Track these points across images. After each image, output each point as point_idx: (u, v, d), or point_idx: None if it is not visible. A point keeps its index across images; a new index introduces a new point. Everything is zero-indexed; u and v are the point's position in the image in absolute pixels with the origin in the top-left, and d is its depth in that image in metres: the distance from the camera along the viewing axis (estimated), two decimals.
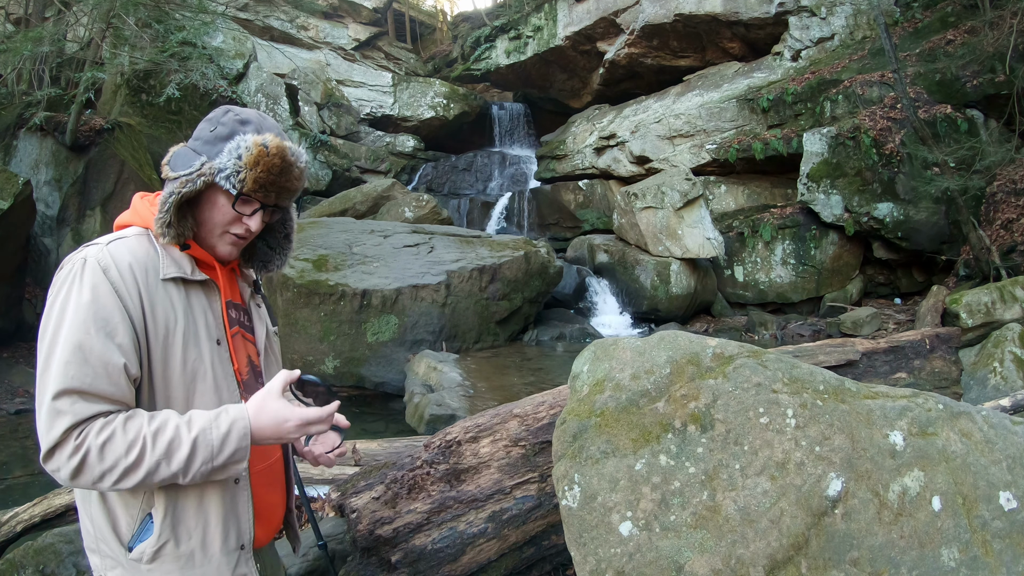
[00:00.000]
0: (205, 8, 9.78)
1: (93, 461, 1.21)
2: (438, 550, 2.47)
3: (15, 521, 3.34)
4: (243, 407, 1.32)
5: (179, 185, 1.33)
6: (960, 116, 9.89)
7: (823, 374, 1.97)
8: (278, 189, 1.39)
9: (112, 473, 1.22)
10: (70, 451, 1.21)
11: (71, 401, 1.21)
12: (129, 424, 1.24)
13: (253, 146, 1.33)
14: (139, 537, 1.33)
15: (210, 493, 1.38)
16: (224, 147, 1.35)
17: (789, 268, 10.97)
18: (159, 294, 1.34)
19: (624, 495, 1.81)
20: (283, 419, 1.32)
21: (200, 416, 1.29)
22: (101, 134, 9.02)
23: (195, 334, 1.37)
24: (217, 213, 1.39)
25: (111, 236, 1.36)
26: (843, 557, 1.69)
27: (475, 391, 6.07)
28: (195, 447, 1.25)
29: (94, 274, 1.27)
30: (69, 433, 1.21)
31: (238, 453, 1.29)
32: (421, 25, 23.38)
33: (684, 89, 14.08)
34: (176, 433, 1.25)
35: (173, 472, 1.25)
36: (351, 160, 16.01)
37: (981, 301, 7.16)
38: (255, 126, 1.38)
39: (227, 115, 1.40)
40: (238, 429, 1.29)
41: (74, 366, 1.22)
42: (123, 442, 1.22)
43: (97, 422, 1.23)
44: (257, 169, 1.33)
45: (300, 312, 7.48)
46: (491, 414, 2.68)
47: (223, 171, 1.34)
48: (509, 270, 8.56)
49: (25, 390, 7.74)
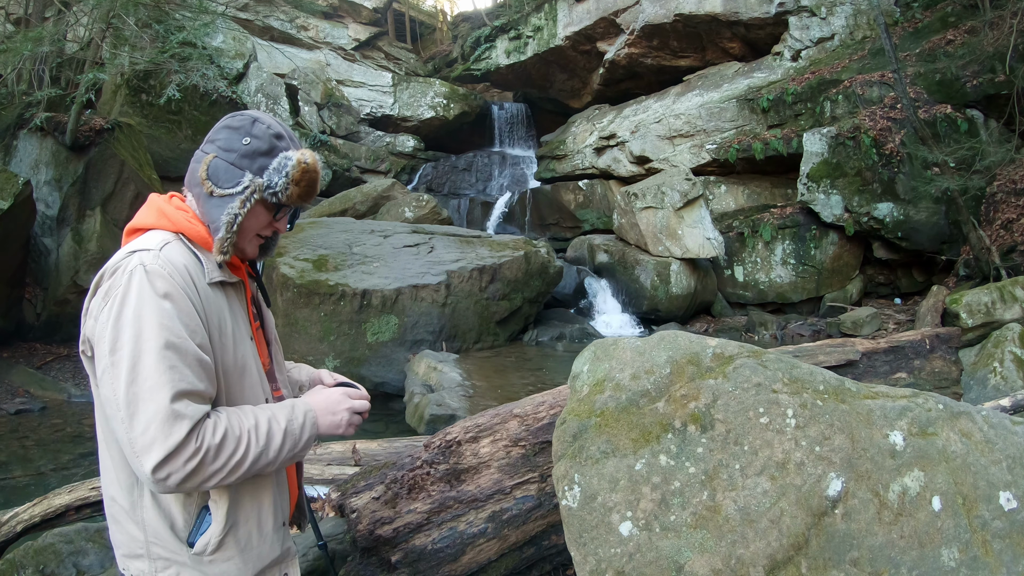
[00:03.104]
0: (205, 8, 9.78)
1: (209, 460, 1.24)
2: (438, 550, 2.47)
3: (15, 521, 3.33)
4: (305, 400, 1.48)
5: (239, 206, 1.39)
6: (960, 116, 9.88)
7: (823, 374, 1.97)
8: (310, 196, 1.49)
9: (223, 470, 1.27)
10: (189, 454, 1.22)
11: (186, 403, 1.23)
12: (232, 421, 1.30)
13: (298, 164, 1.41)
14: (199, 531, 1.36)
15: (264, 476, 1.45)
16: (268, 164, 1.42)
17: (789, 268, 10.97)
18: (210, 296, 1.38)
19: (624, 495, 1.81)
20: (337, 402, 1.50)
21: (279, 409, 1.39)
22: (101, 134, 9.02)
23: (239, 332, 1.44)
24: (256, 222, 1.46)
25: (158, 240, 1.36)
26: (843, 557, 1.69)
27: (475, 391, 6.07)
28: (285, 437, 1.36)
29: (163, 279, 1.28)
30: (190, 436, 1.22)
31: (311, 439, 1.43)
32: (421, 25, 23.38)
33: (684, 89, 14.08)
34: (269, 426, 1.34)
35: (269, 461, 1.34)
36: (351, 160, 16.02)
37: (981, 301, 7.16)
38: (287, 140, 1.46)
39: (256, 126, 1.44)
40: (310, 418, 1.43)
41: (178, 370, 1.24)
42: (234, 438, 1.28)
43: (209, 421, 1.26)
44: (300, 186, 1.42)
45: (300, 312, 7.48)
46: (491, 414, 2.68)
47: (271, 189, 1.41)
48: (509, 270, 8.56)
49: (25, 390, 7.74)
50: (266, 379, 1.52)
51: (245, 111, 1.47)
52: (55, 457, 5.89)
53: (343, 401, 1.52)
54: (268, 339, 1.62)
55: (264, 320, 1.62)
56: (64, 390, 7.91)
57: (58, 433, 6.55)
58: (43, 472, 5.55)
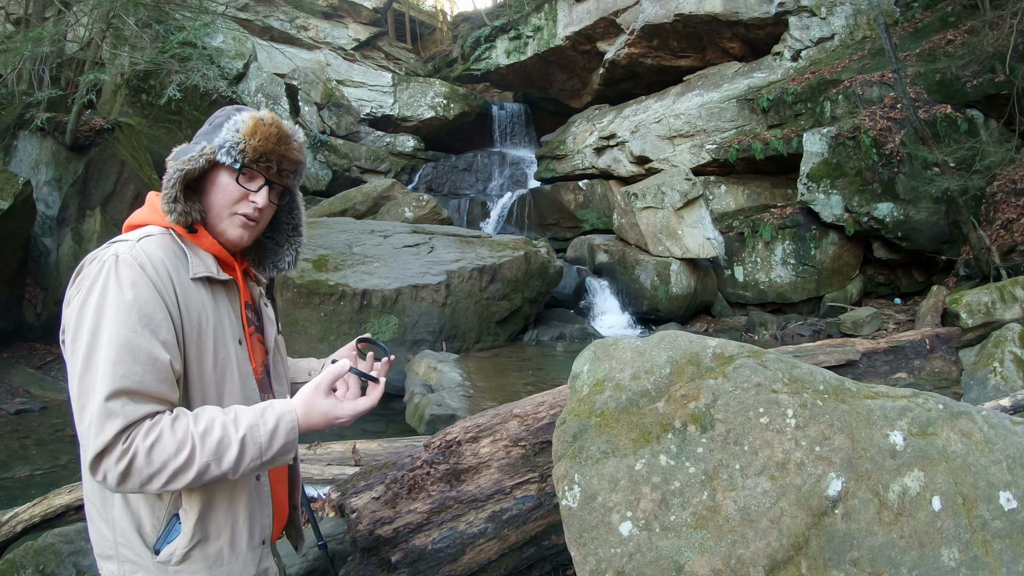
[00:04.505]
0: (205, 8, 9.78)
1: (140, 464, 1.18)
2: (438, 550, 2.47)
3: (15, 521, 3.34)
4: (289, 402, 1.31)
5: (181, 163, 1.34)
6: (960, 116, 9.88)
7: (823, 374, 1.97)
8: (279, 158, 1.40)
9: (161, 475, 1.19)
10: (118, 455, 1.17)
11: (122, 402, 1.18)
12: (176, 425, 1.21)
13: (249, 119, 1.37)
14: (166, 539, 1.31)
15: (240, 491, 1.38)
16: (222, 127, 1.38)
17: (789, 268, 10.97)
18: (191, 292, 1.33)
19: (624, 495, 1.81)
20: (334, 417, 1.33)
21: (245, 413, 1.27)
22: (101, 134, 9.02)
23: (222, 333, 1.38)
24: (223, 193, 1.39)
25: (139, 233, 1.33)
26: (843, 557, 1.69)
27: (475, 391, 6.07)
28: (244, 446, 1.24)
29: (132, 270, 1.24)
30: (119, 436, 1.17)
31: (287, 447, 1.29)
32: (421, 25, 23.38)
33: (684, 89, 14.08)
34: (224, 432, 1.23)
35: (223, 471, 1.23)
36: (351, 160, 16.02)
37: (981, 301, 7.16)
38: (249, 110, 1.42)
39: (224, 110, 1.44)
40: (286, 423, 1.28)
41: (123, 365, 1.18)
42: (172, 443, 1.19)
43: (144, 424, 1.20)
44: (256, 138, 1.35)
45: (300, 312, 7.48)
46: (491, 414, 2.68)
47: (223, 146, 1.35)
48: (509, 270, 8.56)
49: (25, 390, 7.74)
50: (253, 387, 1.44)
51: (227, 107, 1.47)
52: (55, 457, 5.89)
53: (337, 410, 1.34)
54: (267, 347, 1.55)
55: (264, 327, 1.56)
56: (64, 390, 7.90)
57: (58, 433, 6.55)
58: (43, 472, 5.55)
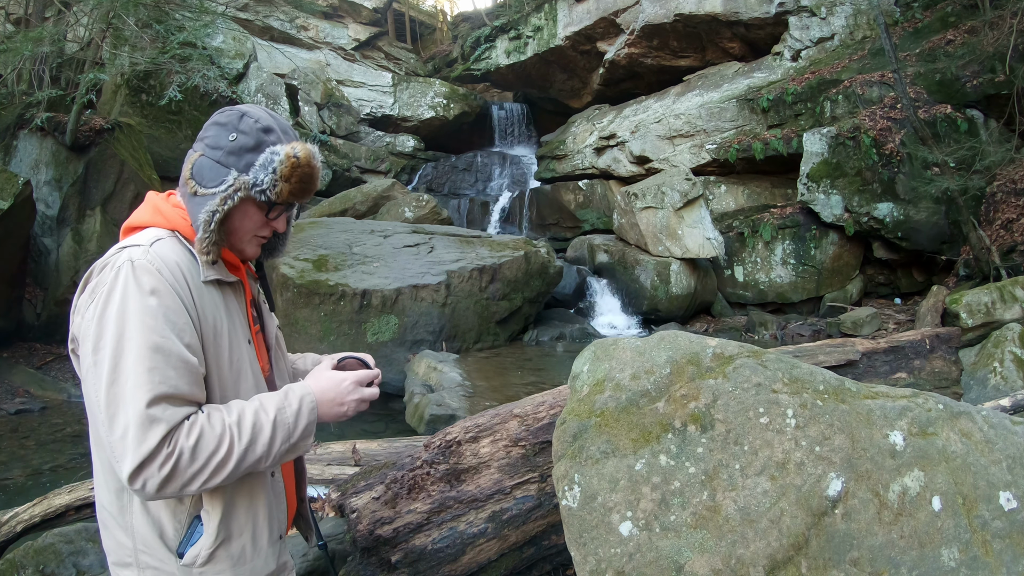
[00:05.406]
0: (205, 8, 9.78)
1: (185, 464, 1.18)
2: (438, 550, 2.47)
3: (15, 521, 3.33)
4: (304, 384, 1.37)
5: (218, 204, 1.31)
6: (960, 116, 9.88)
7: (823, 374, 1.97)
8: (305, 194, 1.40)
9: (203, 472, 1.20)
10: (162, 460, 1.16)
11: (163, 408, 1.18)
12: (212, 419, 1.23)
13: (286, 159, 1.32)
14: (189, 541, 1.31)
15: (259, 488, 1.39)
16: (254, 160, 1.33)
17: (789, 268, 10.97)
18: (205, 295, 1.33)
19: (624, 495, 1.81)
20: (339, 380, 1.39)
21: (268, 399, 1.31)
22: (101, 134, 9.02)
23: (235, 334, 1.38)
24: (248, 222, 1.39)
25: (149, 236, 1.31)
26: (843, 557, 1.69)
27: (475, 391, 6.07)
28: (275, 428, 1.27)
29: (151, 275, 1.23)
30: (164, 442, 1.17)
31: (309, 427, 1.33)
32: (421, 25, 23.37)
33: (684, 89, 14.08)
34: (256, 418, 1.26)
35: (259, 457, 1.25)
36: (351, 160, 16.01)
37: (981, 301, 7.16)
38: (277, 133, 1.37)
39: (244, 121, 1.36)
40: (307, 403, 1.33)
41: (159, 371, 1.18)
42: (212, 437, 1.21)
43: (184, 425, 1.20)
44: (291, 182, 1.34)
45: (300, 312, 7.48)
46: (491, 414, 2.68)
47: (258, 186, 1.33)
48: (509, 270, 8.56)
49: (25, 390, 7.74)
50: (264, 386, 1.46)
51: (236, 106, 1.40)
52: (55, 457, 5.89)
53: (352, 392, 1.41)
54: (268, 344, 1.56)
55: (265, 325, 1.56)
56: (64, 390, 7.91)
57: (58, 433, 6.55)
58: (43, 472, 5.55)
